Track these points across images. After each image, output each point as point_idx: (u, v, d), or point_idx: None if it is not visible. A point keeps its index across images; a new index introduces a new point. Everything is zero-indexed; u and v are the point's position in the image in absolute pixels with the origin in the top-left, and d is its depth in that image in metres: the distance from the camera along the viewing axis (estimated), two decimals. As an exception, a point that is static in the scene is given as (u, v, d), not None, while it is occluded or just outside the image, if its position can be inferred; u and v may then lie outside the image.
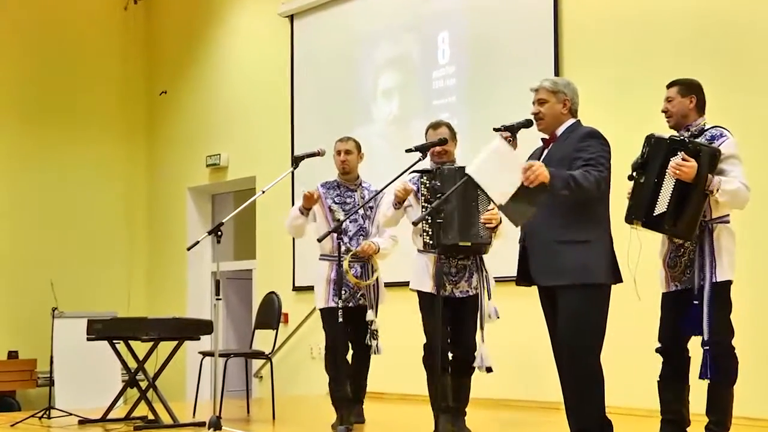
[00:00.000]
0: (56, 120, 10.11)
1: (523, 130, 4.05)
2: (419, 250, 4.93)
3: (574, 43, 6.88)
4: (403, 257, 5.20)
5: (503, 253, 4.82)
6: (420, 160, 4.80)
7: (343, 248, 5.19)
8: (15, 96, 9.86)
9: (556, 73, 6.81)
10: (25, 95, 9.92)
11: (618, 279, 3.99)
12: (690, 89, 4.39)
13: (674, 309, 4.34)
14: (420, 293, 4.91)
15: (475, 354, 4.79)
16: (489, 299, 4.79)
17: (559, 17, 6.95)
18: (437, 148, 4.92)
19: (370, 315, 5.30)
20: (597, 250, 3.89)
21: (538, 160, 4.04)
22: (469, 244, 4.71)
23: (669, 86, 4.44)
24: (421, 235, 4.82)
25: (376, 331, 5.32)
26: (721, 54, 6.09)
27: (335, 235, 5.15)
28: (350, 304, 5.34)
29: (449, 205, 4.63)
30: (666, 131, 4.37)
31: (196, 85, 10.16)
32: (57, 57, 10.13)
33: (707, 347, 4.13)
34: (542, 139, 4.12)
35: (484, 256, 4.91)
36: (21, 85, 9.90)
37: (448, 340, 4.83)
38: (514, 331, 6.13)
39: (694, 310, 4.18)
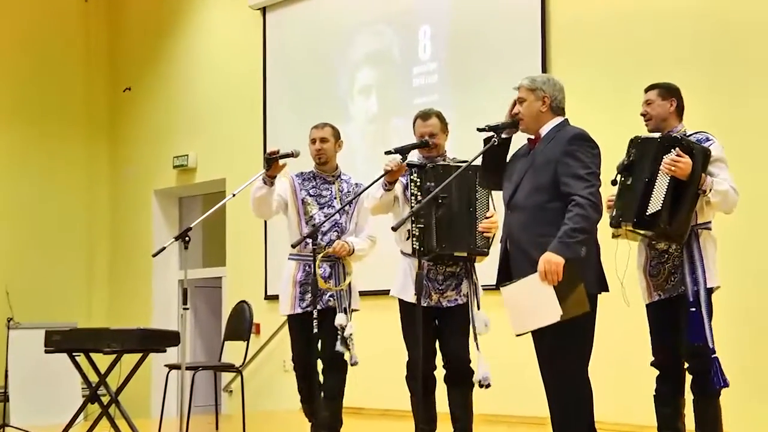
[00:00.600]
0: (11, 118, 10.03)
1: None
2: (403, 253, 4.81)
3: (562, 37, 6.92)
4: (387, 261, 5.11)
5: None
6: (403, 161, 4.64)
7: (310, 246, 4.99)
8: (-32, 92, 9.83)
9: (544, 69, 6.83)
10: (-21, 91, 9.89)
11: (604, 288, 3.99)
12: (670, 92, 4.46)
13: (662, 320, 4.38)
14: (401, 302, 4.78)
15: (472, 367, 4.66)
16: (478, 309, 4.68)
17: (547, 11, 6.99)
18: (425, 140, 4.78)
19: (340, 319, 5.05)
20: (584, 258, 3.85)
21: (524, 159, 4.06)
22: (466, 254, 4.62)
23: (648, 90, 4.51)
24: (408, 239, 4.66)
25: (349, 337, 5.05)
26: (715, 53, 6.15)
27: (309, 230, 5.02)
28: (317, 307, 5.10)
29: (442, 210, 4.52)
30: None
31: (163, 82, 10.12)
32: (13, 51, 10.06)
33: (714, 355, 4.19)
34: (529, 140, 4.10)
35: (476, 263, 4.78)
36: (-26, 81, 9.87)
37: (434, 355, 4.71)
38: (500, 342, 6.14)
39: (694, 319, 4.22)
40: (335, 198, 5.27)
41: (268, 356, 8.67)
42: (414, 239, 4.59)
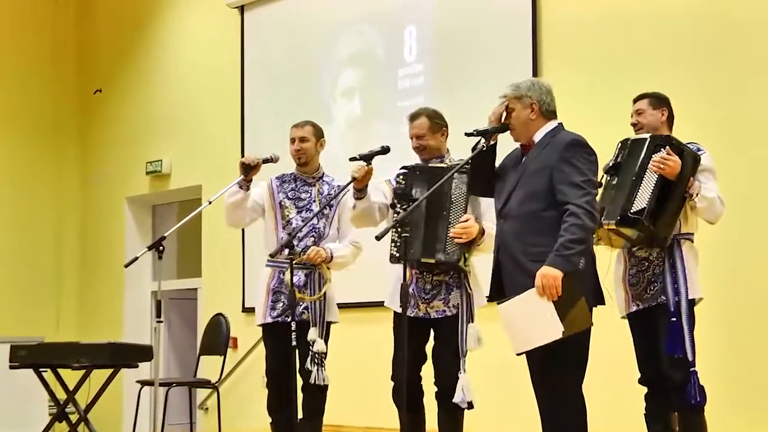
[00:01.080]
0: (-24, 121, 10.00)
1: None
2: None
3: (554, 37, 6.92)
4: (374, 271, 5.07)
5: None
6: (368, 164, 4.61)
7: (287, 252, 4.96)
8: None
9: (535, 70, 6.85)
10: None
11: (600, 301, 3.99)
12: (661, 102, 4.57)
13: (643, 332, 4.46)
14: (394, 313, 4.72)
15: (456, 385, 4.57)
16: (471, 322, 4.57)
17: (538, 9, 6.99)
18: (413, 143, 4.76)
19: (311, 333, 4.99)
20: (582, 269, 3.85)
21: (516, 166, 4.07)
22: (433, 261, 4.52)
23: (637, 99, 4.61)
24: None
25: (320, 354, 4.97)
26: (714, 53, 6.17)
27: (284, 239, 4.97)
28: (288, 319, 5.02)
29: (415, 213, 4.50)
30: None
31: (135, 83, 10.08)
32: (-24, 51, 10.02)
33: (694, 369, 4.26)
34: (521, 146, 4.12)
35: (473, 269, 4.70)
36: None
37: (417, 367, 4.67)
38: (491, 358, 6.13)
39: (674, 329, 4.28)
40: (314, 201, 5.21)
41: (246, 372, 8.62)
42: (392, 245, 4.57)
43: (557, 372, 3.83)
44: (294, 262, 4.96)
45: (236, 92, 9.04)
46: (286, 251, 4.91)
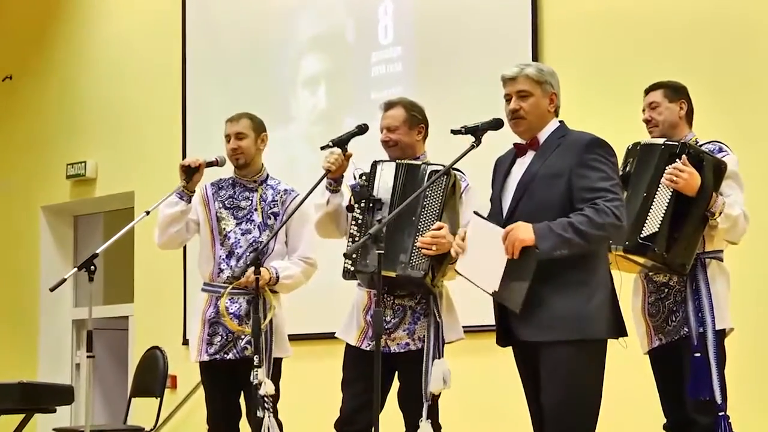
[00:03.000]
0: None
1: (491, 133, 4.07)
2: (358, 284, 4.73)
3: (557, 17, 6.95)
4: (326, 295, 5.04)
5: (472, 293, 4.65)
6: (344, 152, 4.64)
7: (226, 274, 4.95)
8: None
9: (534, 55, 6.86)
10: None
11: (621, 332, 4.00)
12: (678, 93, 4.57)
13: (667, 371, 4.47)
14: (346, 347, 4.71)
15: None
16: (439, 357, 4.51)
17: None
18: (382, 136, 4.73)
19: (266, 385, 4.92)
20: (596, 294, 3.89)
21: (508, 172, 4.07)
22: (394, 274, 4.42)
23: (650, 90, 4.60)
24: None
25: (268, 398, 4.91)
26: (721, 54, 6.28)
27: (222, 257, 4.96)
28: (229, 356, 5.07)
29: (377, 217, 4.49)
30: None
31: (53, 70, 10.04)
32: None
33: (722, 413, 4.25)
34: (517, 145, 4.11)
35: (447, 294, 4.64)
36: None
37: (367, 408, 4.51)
38: (479, 398, 6.12)
39: (698, 366, 4.28)
40: (255, 209, 5.19)
41: (188, 417, 8.57)
42: (347, 259, 4.55)
43: (570, 415, 3.83)
44: (231, 286, 4.95)
45: (176, 83, 9.02)
46: (225, 271, 4.91)
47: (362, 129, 4.76)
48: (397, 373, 4.66)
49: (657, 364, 4.53)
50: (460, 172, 4.59)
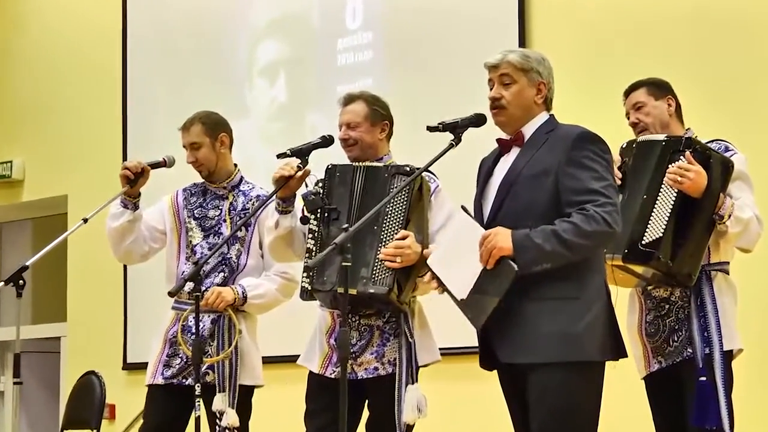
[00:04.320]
0: None
1: (472, 129, 4.06)
2: (320, 304, 4.73)
3: (546, 5, 7.00)
4: (301, 317, 5.04)
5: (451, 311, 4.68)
6: (303, 165, 4.62)
7: (188, 292, 4.94)
8: None
9: (521, 41, 6.89)
10: None
11: (620, 353, 4.00)
12: (663, 89, 4.62)
13: (666, 398, 4.48)
14: (309, 375, 4.71)
15: None
16: (412, 383, 4.52)
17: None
18: (340, 133, 4.70)
19: (218, 402, 4.96)
20: (589, 309, 3.88)
21: (491, 171, 4.08)
22: (355, 292, 4.37)
23: (630, 90, 4.64)
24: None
25: (231, 430, 4.94)
26: (717, 53, 6.35)
27: (187, 272, 4.96)
28: (188, 381, 5.08)
29: (334, 227, 4.50)
30: None
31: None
32: None
33: None
34: (500, 141, 4.11)
35: (420, 311, 4.64)
36: None
37: None
38: (459, 428, 6.13)
39: (703, 392, 4.28)
40: (224, 220, 5.20)
41: (128, 452, 8.54)
42: (304, 275, 4.56)
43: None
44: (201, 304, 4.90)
45: (116, 74, 9.01)
46: (187, 288, 4.87)
47: (326, 140, 4.76)
48: (366, 401, 4.66)
49: (654, 391, 4.52)
50: (430, 173, 4.59)
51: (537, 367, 3.84)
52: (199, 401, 4.69)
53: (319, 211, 4.58)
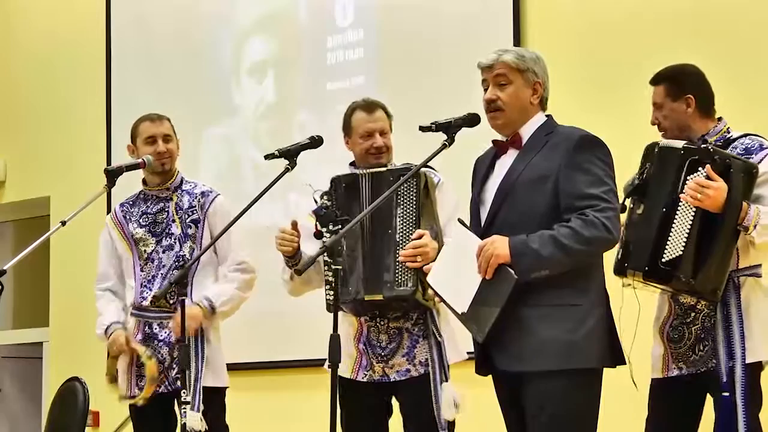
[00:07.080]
0: None
1: (465, 129, 4.08)
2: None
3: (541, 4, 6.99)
4: (277, 323, 5.03)
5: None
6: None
7: (147, 300, 5.04)
8: None
9: (516, 40, 6.88)
10: None
11: (618, 360, 4.02)
12: (682, 87, 4.49)
13: (667, 408, 4.43)
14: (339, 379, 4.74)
15: None
16: (445, 381, 4.59)
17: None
18: (376, 140, 4.70)
19: (192, 419, 4.97)
20: (589, 315, 3.90)
21: (487, 174, 4.09)
22: (381, 297, 4.54)
23: (653, 83, 4.56)
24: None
25: None
26: (717, 53, 6.28)
27: (143, 283, 5.05)
28: (160, 389, 5.15)
29: (349, 239, 4.55)
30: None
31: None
32: None
33: None
34: (496, 143, 4.11)
35: (442, 311, 4.63)
36: None
37: None
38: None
39: (725, 408, 4.23)
40: (173, 221, 5.26)
41: (113, 461, 8.52)
42: (326, 288, 4.61)
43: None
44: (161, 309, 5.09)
45: (99, 73, 9.01)
46: (147, 300, 5.05)
47: (315, 141, 4.77)
48: (397, 403, 4.73)
49: (660, 395, 4.44)
50: (431, 168, 4.61)
51: (536, 374, 3.86)
52: (184, 408, 4.74)
53: (331, 224, 4.62)
